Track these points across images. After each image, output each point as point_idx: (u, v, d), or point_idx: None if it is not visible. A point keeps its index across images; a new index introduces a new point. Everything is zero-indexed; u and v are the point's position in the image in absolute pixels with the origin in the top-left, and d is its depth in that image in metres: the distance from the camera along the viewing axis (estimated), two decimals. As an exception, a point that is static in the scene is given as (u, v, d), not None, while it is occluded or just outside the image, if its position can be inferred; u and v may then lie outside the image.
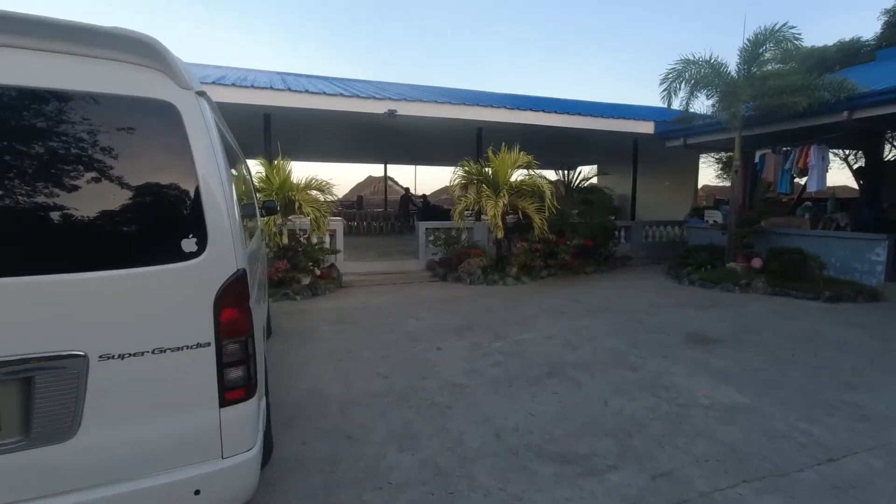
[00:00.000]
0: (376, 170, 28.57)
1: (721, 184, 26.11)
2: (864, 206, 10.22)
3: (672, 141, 11.50)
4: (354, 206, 22.43)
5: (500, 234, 9.03)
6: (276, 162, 8.51)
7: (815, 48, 14.78)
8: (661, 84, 8.91)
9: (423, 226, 10.77)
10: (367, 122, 10.58)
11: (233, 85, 8.26)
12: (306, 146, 16.10)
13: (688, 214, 16.40)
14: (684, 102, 9.37)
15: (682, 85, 8.77)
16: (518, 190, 9.40)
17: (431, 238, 10.45)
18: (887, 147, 13.92)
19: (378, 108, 9.25)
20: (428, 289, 9.02)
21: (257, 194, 8.18)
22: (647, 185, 15.55)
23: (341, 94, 9.03)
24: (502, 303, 7.82)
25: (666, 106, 9.07)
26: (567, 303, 7.75)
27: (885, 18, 14.65)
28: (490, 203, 8.89)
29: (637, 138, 12.57)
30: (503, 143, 9.34)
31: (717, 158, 22.63)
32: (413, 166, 26.69)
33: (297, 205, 7.92)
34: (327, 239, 10.21)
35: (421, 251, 10.80)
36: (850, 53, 15.04)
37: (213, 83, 8.22)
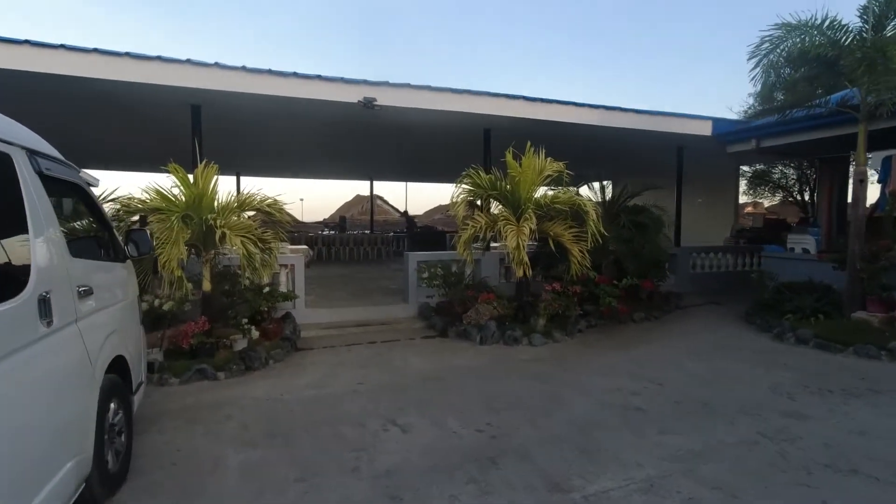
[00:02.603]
0: (365, 187, 25.96)
1: (747, 200, 23.63)
2: None
3: (737, 144, 8.90)
4: (336, 229, 19.69)
5: (527, 272, 6.26)
6: (198, 171, 5.73)
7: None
8: (750, 58, 6.30)
9: (413, 258, 8.00)
10: (339, 120, 7.88)
11: (126, 55, 5.52)
12: (266, 159, 13.41)
13: (729, 237, 13.82)
14: (765, 84, 6.74)
15: (782, 55, 6.13)
16: (547, 210, 6.68)
17: (425, 275, 7.66)
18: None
19: (350, 94, 6.56)
20: (420, 353, 6.21)
21: (133, 219, 5.43)
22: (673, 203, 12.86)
23: (295, 75, 6.33)
24: (536, 386, 5.01)
25: (759, 87, 6.48)
26: (636, 385, 4.96)
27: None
28: (510, 229, 6.15)
29: (683, 144, 9.96)
30: (528, 145, 6.64)
31: (741, 172, 20.10)
32: (403, 183, 24.08)
33: (218, 234, 5.12)
34: (284, 278, 7.42)
35: (411, 292, 8.02)
36: None
37: (98, 52, 5.48)
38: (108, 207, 5.74)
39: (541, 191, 7.16)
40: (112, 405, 3.09)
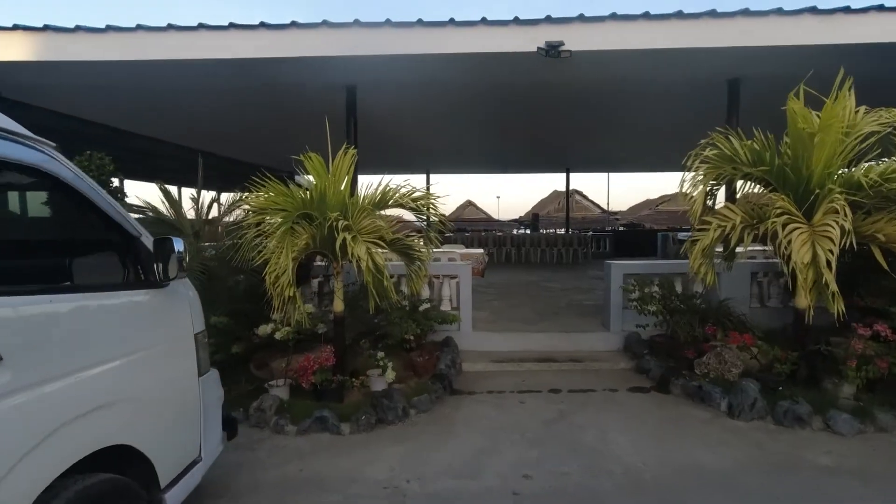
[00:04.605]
0: (562, 181, 23.79)
1: None
2: None
3: None
4: (528, 227, 18.01)
5: (839, 306, 3.51)
6: (336, 159, 4.48)
7: None
8: None
9: (616, 270, 5.75)
10: (514, 81, 5.97)
11: (262, 25, 4.59)
12: (445, 152, 12.37)
13: None
14: None
15: None
16: (870, 196, 3.78)
17: (635, 296, 5.34)
18: None
19: (522, 41, 4.66)
20: (626, 421, 4.01)
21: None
22: None
23: (453, 22, 4.69)
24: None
25: None
26: None
27: None
28: (799, 231, 3.51)
29: None
30: (839, 78, 3.86)
31: None
32: (604, 174, 21.13)
33: (339, 240, 3.76)
34: (447, 291, 5.97)
35: (613, 316, 5.80)
36: None
37: (232, 27, 4.68)
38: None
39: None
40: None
